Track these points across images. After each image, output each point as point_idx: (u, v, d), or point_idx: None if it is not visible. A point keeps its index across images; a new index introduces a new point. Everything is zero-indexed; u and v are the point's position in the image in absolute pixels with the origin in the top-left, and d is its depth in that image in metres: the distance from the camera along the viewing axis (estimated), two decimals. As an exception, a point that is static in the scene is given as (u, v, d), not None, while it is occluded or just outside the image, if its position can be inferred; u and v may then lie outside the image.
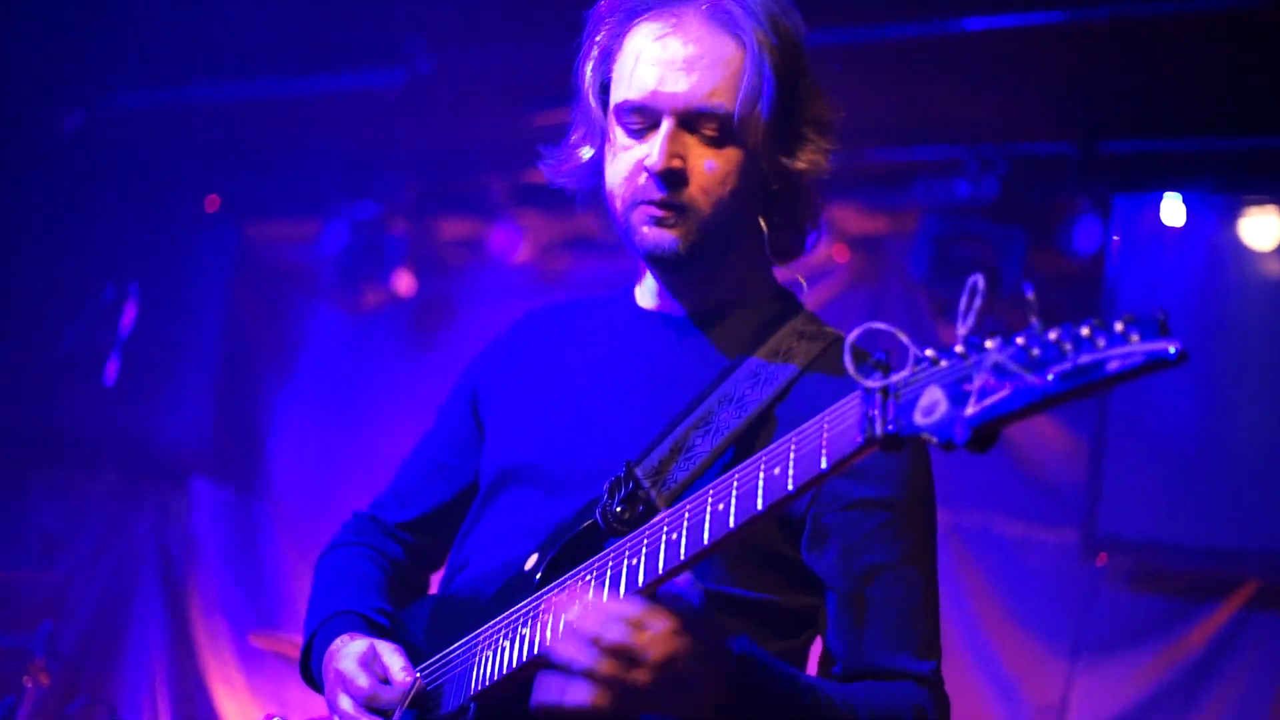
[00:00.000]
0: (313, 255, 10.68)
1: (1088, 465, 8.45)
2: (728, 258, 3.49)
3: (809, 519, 3.28)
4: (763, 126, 3.37)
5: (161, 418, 10.87)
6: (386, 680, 3.36)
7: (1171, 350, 2.18)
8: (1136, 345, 2.20)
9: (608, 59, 3.51)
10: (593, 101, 3.55)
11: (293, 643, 8.38)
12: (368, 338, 10.89)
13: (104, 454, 11.21)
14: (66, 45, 9.33)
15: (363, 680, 3.34)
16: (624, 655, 2.81)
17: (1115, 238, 8.35)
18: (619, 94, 3.43)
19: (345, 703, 3.37)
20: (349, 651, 3.43)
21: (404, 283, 10.31)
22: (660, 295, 3.63)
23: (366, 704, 3.32)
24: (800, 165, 3.45)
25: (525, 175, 10.06)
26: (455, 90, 9.12)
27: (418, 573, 3.98)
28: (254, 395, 11.23)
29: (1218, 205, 8.23)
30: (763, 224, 3.50)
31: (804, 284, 3.65)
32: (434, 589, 3.87)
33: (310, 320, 11.23)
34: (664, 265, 3.47)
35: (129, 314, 9.74)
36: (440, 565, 3.94)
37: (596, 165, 3.58)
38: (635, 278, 3.76)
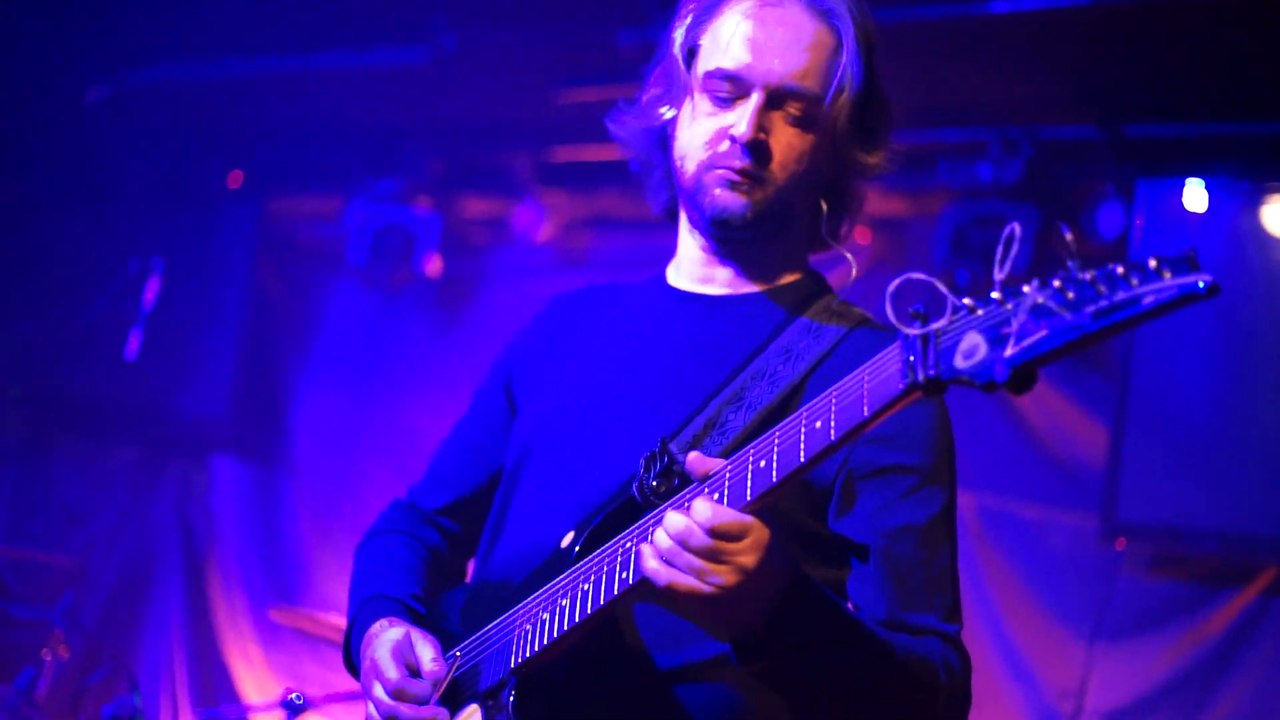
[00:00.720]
0: (335, 232, 10.68)
1: (1107, 449, 8.44)
2: (780, 234, 3.56)
3: (838, 485, 3.32)
4: (845, 117, 3.46)
5: (183, 392, 10.88)
6: (418, 671, 3.39)
7: (1202, 283, 2.24)
8: (1169, 280, 2.26)
9: (700, 25, 3.56)
10: (679, 64, 3.58)
11: (311, 618, 8.41)
12: (390, 315, 10.89)
13: (126, 428, 11.24)
14: (91, 19, 9.34)
15: (393, 672, 3.36)
16: (714, 555, 2.82)
17: (1138, 221, 8.33)
18: (711, 61, 3.48)
19: (379, 690, 3.39)
20: (385, 639, 3.46)
21: (433, 266, 10.32)
22: (696, 272, 3.67)
23: (395, 695, 3.34)
24: (872, 160, 3.57)
25: (549, 154, 10.06)
26: (479, 68, 9.12)
27: (456, 558, 4.00)
28: (275, 370, 11.25)
29: (1241, 191, 8.21)
30: (824, 207, 3.59)
31: (852, 259, 3.69)
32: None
33: (332, 297, 11.23)
34: (725, 229, 3.51)
35: (152, 288, 9.76)
36: (473, 553, 3.95)
37: (664, 130, 3.63)
38: (666, 259, 3.78)
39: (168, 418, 11.01)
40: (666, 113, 3.64)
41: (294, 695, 7.89)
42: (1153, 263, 2.29)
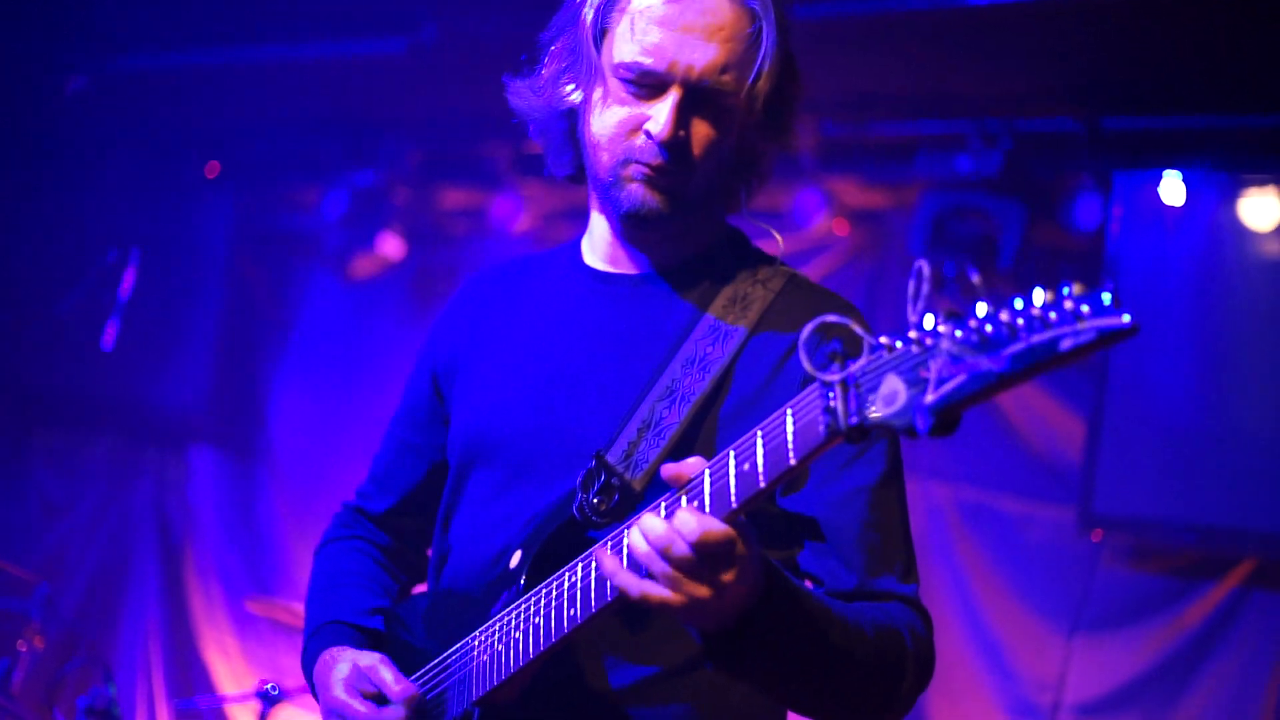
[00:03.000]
0: (313, 222, 10.67)
1: (1085, 442, 8.46)
2: (697, 216, 3.48)
3: None
4: (760, 104, 3.38)
5: (160, 383, 10.87)
6: (382, 696, 3.37)
7: (1123, 322, 2.18)
8: (1088, 322, 2.20)
9: (611, 6, 3.41)
10: (589, 45, 3.45)
11: (288, 609, 8.40)
12: (367, 305, 10.90)
13: (103, 418, 11.23)
14: (69, 9, 9.31)
15: (360, 707, 3.35)
16: (693, 569, 2.77)
17: (1116, 213, 8.35)
18: (625, 50, 3.35)
19: None
20: (335, 679, 3.45)
21: (391, 246, 10.30)
22: (615, 252, 3.61)
23: None
24: (782, 142, 3.50)
25: (527, 145, 10.03)
26: (457, 58, 9.09)
27: (411, 554, 3.99)
28: (253, 361, 11.24)
29: (1219, 184, 8.23)
30: (739, 184, 3.54)
31: (779, 239, 3.60)
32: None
33: (310, 287, 11.24)
34: (641, 223, 3.43)
35: (128, 278, 9.72)
36: (429, 542, 3.91)
37: (572, 107, 3.53)
38: (579, 231, 3.75)
39: (145, 408, 11.00)
40: (573, 94, 3.52)
41: (269, 686, 7.88)
42: (1068, 304, 2.23)
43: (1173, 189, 8.25)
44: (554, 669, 3.21)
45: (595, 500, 3.17)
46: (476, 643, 3.30)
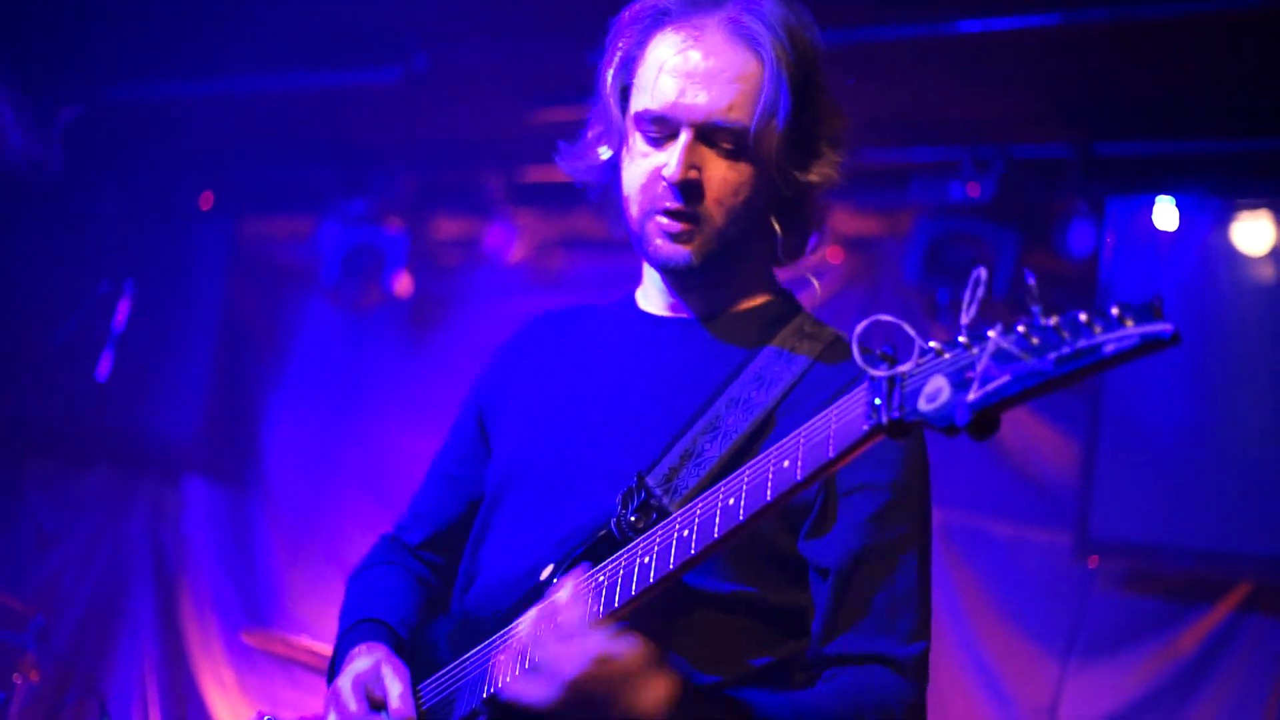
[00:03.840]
0: (308, 252, 10.67)
1: (1080, 466, 8.47)
2: (738, 264, 3.54)
3: (818, 503, 3.31)
4: (777, 140, 3.43)
5: (155, 413, 10.87)
6: (382, 705, 3.39)
7: (1165, 331, 2.28)
8: (1131, 329, 2.30)
9: (630, 65, 3.55)
10: (613, 105, 3.59)
11: (284, 641, 8.39)
12: (362, 335, 10.89)
13: (97, 449, 11.22)
14: (63, 38, 9.32)
15: (353, 704, 3.37)
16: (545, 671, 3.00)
17: (1109, 239, 8.36)
18: (640, 102, 3.47)
19: None
20: (352, 669, 3.47)
21: (402, 285, 10.31)
22: (666, 299, 3.67)
23: None
24: (813, 178, 3.51)
25: (521, 173, 10.06)
26: (451, 88, 9.12)
27: (443, 588, 3.97)
28: (248, 391, 11.23)
29: (1211, 209, 8.25)
30: (776, 227, 3.56)
31: (816, 283, 3.73)
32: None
33: (305, 317, 11.23)
34: (676, 275, 3.52)
35: (123, 309, 9.72)
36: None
37: (612, 165, 3.63)
38: (636, 280, 3.79)
39: (139, 439, 10.99)
40: (604, 153, 3.67)
41: (266, 718, 7.86)
42: (1115, 310, 2.33)
43: (1166, 214, 8.27)
44: None
45: (633, 518, 3.19)
46: (497, 643, 3.32)
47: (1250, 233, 8.16)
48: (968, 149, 8.60)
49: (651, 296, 3.71)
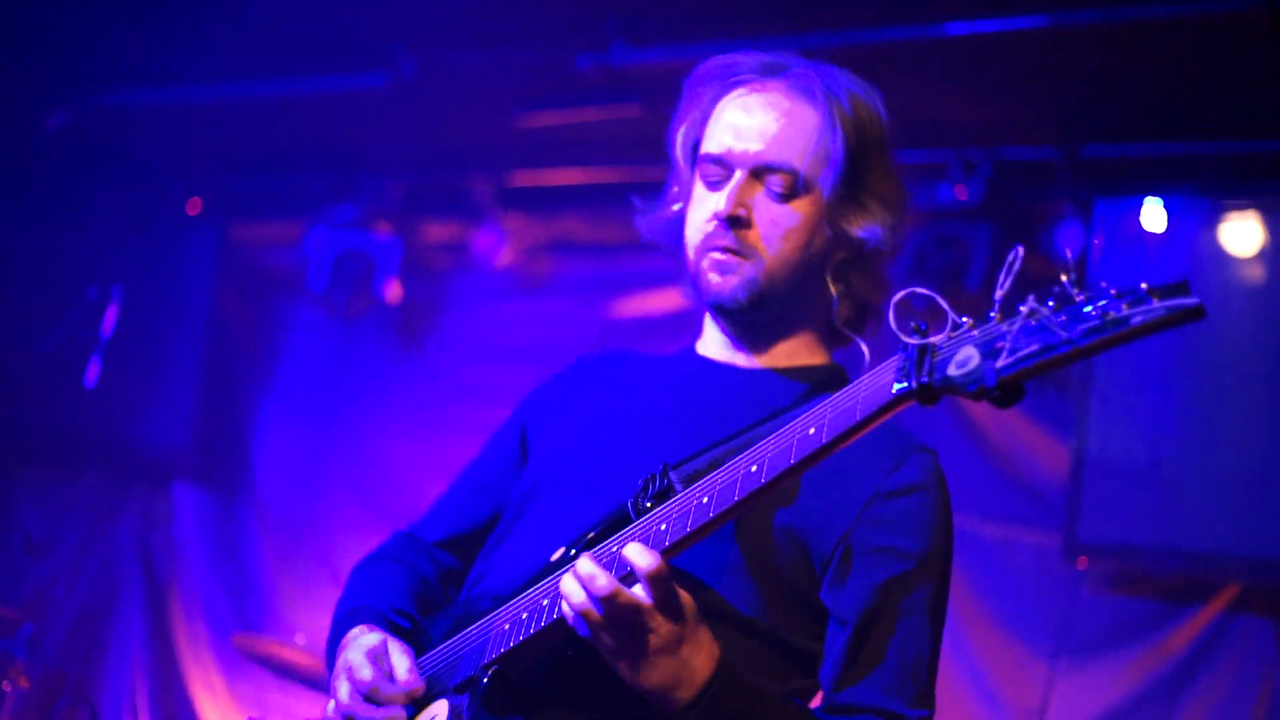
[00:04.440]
0: (296, 258, 10.66)
1: (1069, 468, 8.47)
2: (789, 317, 3.67)
3: (836, 555, 3.35)
4: (828, 189, 3.55)
5: (144, 420, 10.86)
6: (391, 677, 3.41)
7: (1191, 301, 2.39)
8: (1159, 302, 2.41)
9: (701, 122, 3.72)
10: (682, 162, 3.78)
11: (274, 645, 8.39)
12: (351, 340, 10.89)
13: (86, 456, 11.20)
14: (50, 44, 9.32)
15: (367, 672, 3.38)
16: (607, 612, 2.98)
17: (1097, 241, 8.37)
18: (703, 149, 3.66)
19: (343, 690, 3.41)
20: (360, 643, 3.48)
21: (392, 292, 10.31)
22: (720, 346, 3.76)
23: (368, 696, 3.37)
24: (857, 230, 3.59)
25: (509, 178, 10.07)
26: (439, 92, 9.12)
27: (447, 592, 3.99)
28: (237, 397, 11.23)
29: (1199, 210, 8.26)
30: (830, 287, 3.65)
31: (866, 352, 3.71)
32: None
33: (294, 323, 11.23)
34: (727, 314, 3.64)
35: (111, 316, 9.72)
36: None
37: (681, 219, 3.74)
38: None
39: (128, 446, 10.98)
40: (675, 207, 3.80)
41: (256, 724, 7.87)
42: (1144, 286, 2.43)
43: (1153, 215, 8.27)
44: (575, 651, 3.22)
45: (648, 504, 3.22)
46: (501, 614, 3.35)
47: (1238, 234, 8.16)
48: (955, 151, 8.60)
49: (708, 344, 3.80)
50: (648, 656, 2.99)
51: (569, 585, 3.01)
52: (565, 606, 3.03)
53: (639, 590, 2.97)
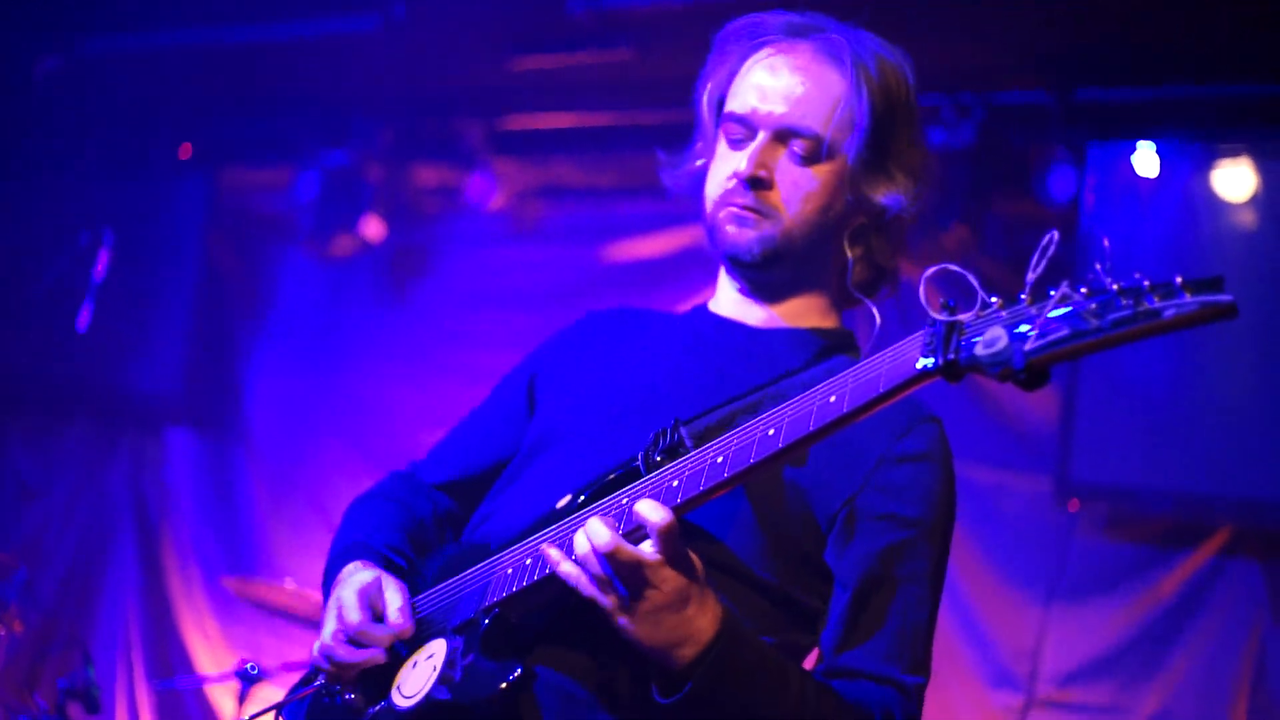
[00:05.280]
0: (287, 202, 10.64)
1: (1060, 412, 8.48)
2: (803, 277, 3.68)
3: (840, 518, 3.37)
4: (851, 155, 3.56)
5: (135, 364, 10.84)
6: (382, 617, 3.40)
7: (1226, 298, 2.38)
8: (1193, 296, 2.40)
9: (727, 80, 3.73)
10: (707, 117, 3.78)
11: (267, 588, 8.41)
12: (342, 285, 10.87)
13: (78, 401, 11.20)
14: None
15: (356, 614, 3.37)
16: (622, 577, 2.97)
17: (1090, 184, 8.36)
18: (727, 107, 3.67)
19: (328, 629, 3.41)
20: (354, 580, 3.47)
21: (373, 228, 10.27)
22: (732, 303, 3.77)
23: (355, 638, 3.36)
24: (879, 197, 3.61)
25: (500, 122, 10.04)
26: (430, 35, 9.09)
27: (443, 535, 3.98)
28: (228, 342, 11.21)
29: (1192, 155, 8.25)
30: (847, 250, 3.67)
31: (878, 317, 3.72)
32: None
33: (284, 268, 11.21)
34: (742, 268, 3.66)
35: (102, 260, 9.71)
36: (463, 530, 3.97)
37: (703, 174, 3.74)
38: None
39: (120, 390, 10.97)
40: (699, 162, 3.79)
41: (249, 665, 7.89)
42: (1178, 280, 2.41)
43: (1146, 160, 8.27)
44: (579, 600, 3.20)
45: (659, 458, 3.22)
46: (503, 559, 3.35)
47: (1231, 179, 8.16)
48: (949, 96, 8.58)
49: (721, 301, 3.80)
50: (651, 613, 2.98)
51: (576, 540, 3.01)
52: (567, 565, 3.04)
53: (647, 546, 2.97)
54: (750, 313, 3.72)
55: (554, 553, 3.07)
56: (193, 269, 10.89)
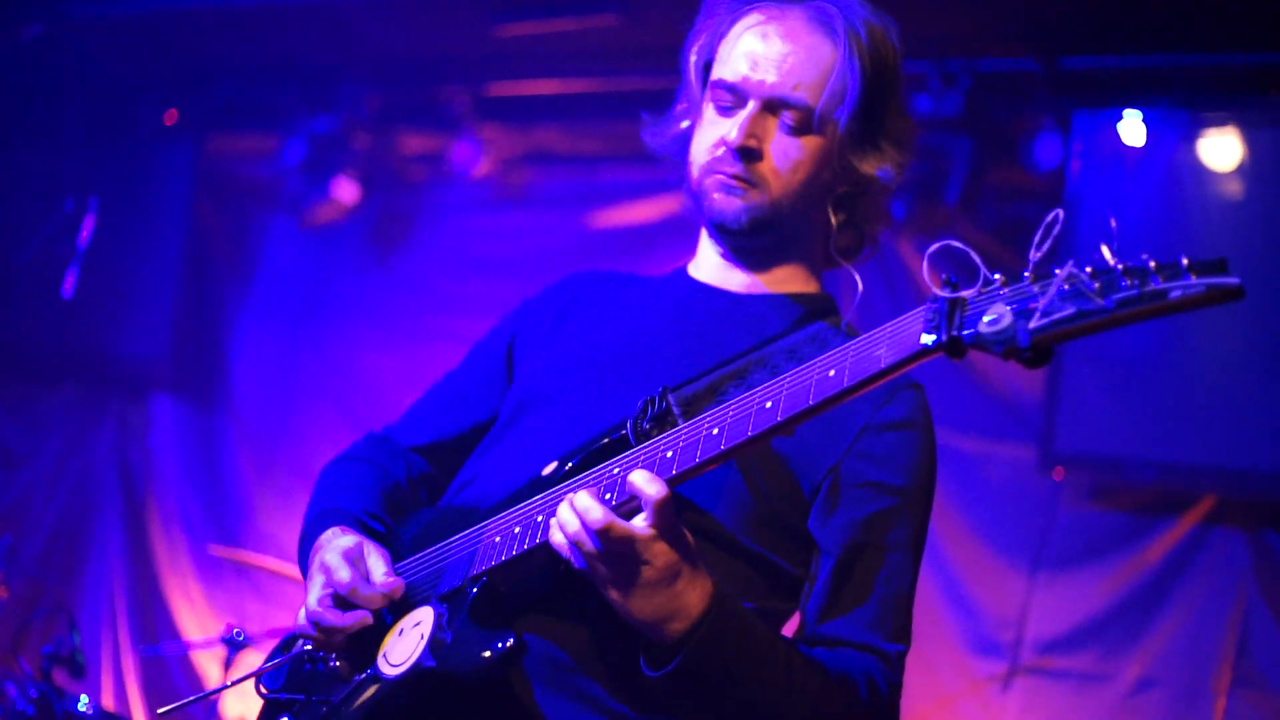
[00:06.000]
0: (273, 169, 10.62)
1: (1045, 381, 8.48)
2: (787, 244, 3.69)
3: (824, 486, 3.38)
4: (841, 126, 3.57)
5: (121, 331, 10.83)
6: (368, 579, 3.37)
7: (1232, 280, 2.36)
8: (1200, 279, 2.38)
9: (714, 42, 3.71)
10: (694, 79, 3.76)
11: (252, 555, 8.41)
12: (327, 252, 10.87)
13: (63, 368, 11.19)
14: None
15: (345, 574, 3.34)
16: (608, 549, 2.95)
17: (1076, 152, 8.36)
18: (716, 73, 3.64)
19: (314, 595, 3.38)
20: (336, 545, 3.45)
21: (346, 191, 10.25)
22: (714, 269, 3.76)
23: (347, 597, 3.33)
24: (868, 169, 3.62)
25: (486, 88, 10.02)
26: (415, 2, 9.07)
27: (417, 497, 3.96)
28: (214, 309, 11.20)
29: (1178, 123, 8.24)
30: (832, 217, 3.67)
31: (860, 282, 3.71)
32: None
33: (270, 234, 11.20)
34: (727, 234, 3.64)
35: (87, 227, 9.69)
36: (440, 495, 3.94)
37: (688, 137, 3.73)
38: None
39: (106, 357, 10.96)
40: (684, 124, 3.79)
41: (235, 632, 7.91)
42: (1185, 261, 2.40)
43: (1132, 129, 8.27)
44: (566, 571, 3.20)
45: (647, 426, 3.21)
46: (490, 526, 3.33)
47: (1217, 148, 8.16)
48: (935, 63, 8.57)
49: (702, 266, 3.80)
50: (642, 587, 2.96)
51: (564, 514, 2.99)
52: (558, 535, 3.02)
53: (640, 520, 2.95)
54: (732, 278, 3.72)
55: (553, 525, 3.05)
56: (178, 235, 10.87)
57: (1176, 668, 8.15)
